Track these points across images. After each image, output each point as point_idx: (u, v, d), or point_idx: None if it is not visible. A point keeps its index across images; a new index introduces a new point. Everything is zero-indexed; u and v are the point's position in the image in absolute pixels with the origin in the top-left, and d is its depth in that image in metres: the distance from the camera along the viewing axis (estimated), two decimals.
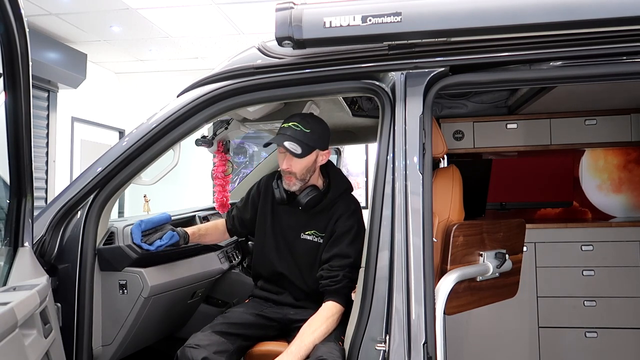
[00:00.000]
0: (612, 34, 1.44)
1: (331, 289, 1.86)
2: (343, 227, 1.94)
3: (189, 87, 1.79)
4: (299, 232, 2.03)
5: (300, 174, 1.93)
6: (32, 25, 5.32)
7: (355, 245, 1.90)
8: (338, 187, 2.02)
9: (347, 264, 1.87)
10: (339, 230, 1.94)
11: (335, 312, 1.83)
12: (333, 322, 1.82)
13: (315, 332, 1.77)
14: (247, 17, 5.25)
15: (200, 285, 2.35)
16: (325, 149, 1.97)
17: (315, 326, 1.79)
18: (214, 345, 1.80)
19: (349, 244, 1.91)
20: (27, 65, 1.32)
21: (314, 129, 1.91)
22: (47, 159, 5.96)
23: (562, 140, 3.34)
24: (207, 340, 1.81)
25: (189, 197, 6.60)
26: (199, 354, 1.75)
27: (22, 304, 1.20)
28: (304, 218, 2.02)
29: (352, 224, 1.94)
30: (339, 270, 1.87)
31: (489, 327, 3.13)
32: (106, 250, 1.92)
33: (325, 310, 1.83)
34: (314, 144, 1.90)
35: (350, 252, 1.89)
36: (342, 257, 1.89)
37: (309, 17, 1.45)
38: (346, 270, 1.86)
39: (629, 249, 3.11)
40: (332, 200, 1.99)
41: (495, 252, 1.81)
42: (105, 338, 1.95)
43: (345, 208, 1.97)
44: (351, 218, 1.95)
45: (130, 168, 1.79)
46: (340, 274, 1.86)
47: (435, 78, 1.55)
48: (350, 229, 1.93)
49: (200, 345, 1.78)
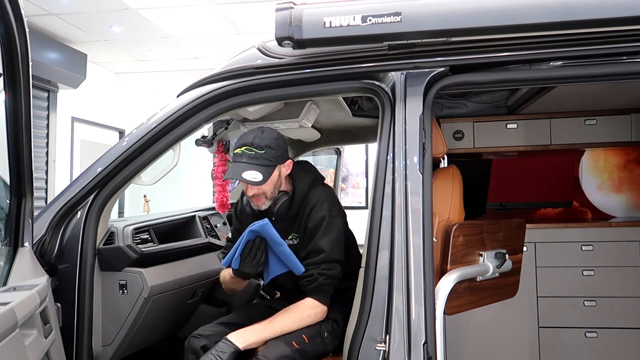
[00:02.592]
0: (612, 34, 1.44)
1: (307, 288, 1.83)
2: (314, 220, 1.87)
3: (189, 87, 1.79)
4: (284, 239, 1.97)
5: (269, 194, 1.87)
6: (32, 25, 5.32)
7: (327, 236, 1.84)
8: (303, 184, 1.94)
9: (320, 260, 1.82)
10: (310, 225, 1.88)
11: (311, 307, 1.81)
12: (309, 316, 1.80)
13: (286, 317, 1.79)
14: (247, 17, 5.25)
15: (200, 285, 2.35)
16: (286, 160, 1.88)
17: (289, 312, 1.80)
18: (217, 335, 1.84)
19: (320, 237, 1.85)
20: (27, 65, 1.32)
21: (269, 146, 1.82)
22: (47, 159, 5.96)
23: (562, 140, 3.34)
24: (210, 331, 1.87)
25: (189, 197, 6.60)
26: (199, 343, 1.82)
27: (22, 304, 1.20)
28: (283, 224, 1.94)
29: (322, 214, 1.87)
30: (313, 268, 1.82)
31: (489, 327, 3.13)
32: (106, 250, 1.92)
33: (302, 302, 1.82)
34: (274, 161, 1.82)
35: (323, 244, 1.83)
36: (315, 253, 1.84)
37: (308, 17, 1.45)
38: (321, 267, 1.81)
39: (629, 249, 3.10)
40: (300, 197, 1.93)
41: (495, 252, 1.81)
42: (105, 338, 1.96)
43: (315, 200, 1.90)
44: (321, 209, 1.87)
45: (130, 168, 1.79)
46: (315, 272, 1.82)
47: (435, 78, 1.55)
48: (321, 220, 1.86)
49: (203, 335, 1.85)
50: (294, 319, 1.80)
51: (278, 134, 1.90)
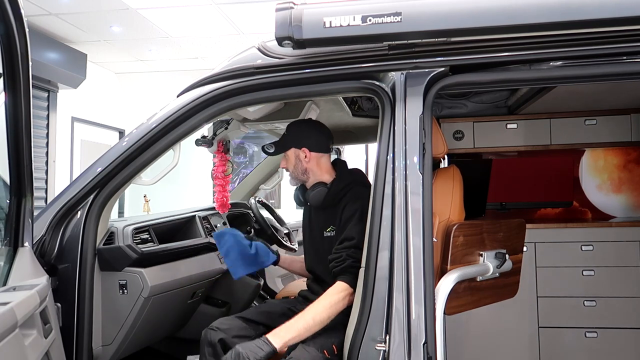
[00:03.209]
0: (612, 34, 1.44)
1: (337, 269, 1.84)
2: (348, 213, 1.93)
3: (189, 87, 1.79)
4: (322, 231, 2.06)
5: (291, 172, 2.09)
6: (32, 25, 5.32)
7: (359, 226, 1.86)
8: (342, 180, 2.04)
9: (350, 245, 1.85)
10: (344, 217, 1.94)
11: (341, 290, 1.78)
12: (338, 300, 1.77)
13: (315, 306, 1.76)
14: (247, 17, 5.25)
15: (200, 285, 2.35)
16: (301, 147, 2.04)
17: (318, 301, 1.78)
18: (234, 329, 1.87)
19: (352, 226, 1.89)
20: (27, 65, 1.32)
21: (289, 131, 2.08)
22: (47, 159, 5.96)
23: (562, 140, 3.33)
24: (227, 324, 1.90)
25: (189, 197, 6.61)
26: (216, 336, 1.85)
27: (22, 304, 1.20)
28: (322, 217, 2.07)
29: (356, 208, 1.92)
30: (343, 251, 1.85)
31: (489, 327, 3.13)
32: (106, 250, 1.92)
33: (331, 288, 1.81)
34: (287, 143, 2.06)
35: (353, 233, 1.87)
36: (347, 240, 1.88)
37: (309, 17, 1.45)
38: (350, 250, 1.83)
39: (629, 249, 3.10)
40: (337, 193, 2.01)
41: (495, 252, 1.81)
42: (105, 338, 1.96)
43: (351, 196, 1.98)
44: (355, 203, 1.94)
45: (130, 168, 1.79)
46: (344, 254, 1.84)
47: (435, 78, 1.55)
48: (354, 212, 1.92)
49: (220, 328, 1.88)
50: (324, 306, 1.76)
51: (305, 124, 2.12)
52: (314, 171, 2.07)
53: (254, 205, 3.07)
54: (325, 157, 2.09)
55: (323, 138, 2.09)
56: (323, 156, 2.08)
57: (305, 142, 2.05)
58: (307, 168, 2.06)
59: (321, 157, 2.07)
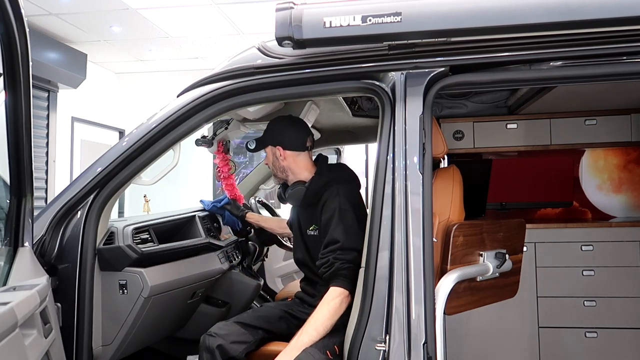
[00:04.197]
0: (612, 34, 1.44)
1: (327, 275, 1.84)
2: (327, 213, 1.92)
3: (189, 87, 1.79)
4: (306, 229, 2.07)
5: (271, 169, 2.14)
6: (32, 25, 5.32)
7: (340, 226, 1.87)
8: (321, 178, 2.01)
9: (335, 248, 1.84)
10: (324, 217, 1.93)
11: (336, 295, 1.78)
12: (335, 306, 1.77)
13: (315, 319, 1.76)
14: (247, 17, 5.25)
15: (200, 285, 2.35)
16: (276, 146, 2.06)
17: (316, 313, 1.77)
18: (233, 335, 1.86)
19: (334, 227, 1.88)
20: (27, 65, 1.32)
21: (268, 128, 2.10)
22: (47, 159, 5.96)
23: (562, 140, 3.33)
24: (225, 330, 1.89)
25: (189, 197, 6.60)
26: (214, 342, 1.84)
27: (22, 304, 1.20)
28: (305, 215, 2.07)
29: (334, 207, 1.91)
30: (329, 254, 1.84)
31: (489, 327, 3.13)
32: (106, 250, 1.92)
33: (327, 295, 1.80)
34: (265, 140, 2.09)
35: (336, 235, 1.86)
36: (331, 243, 1.87)
37: (309, 17, 1.45)
38: (336, 253, 1.83)
39: (629, 249, 3.10)
40: (316, 191, 1.99)
41: (495, 252, 1.81)
42: (105, 338, 1.95)
43: (328, 195, 1.96)
44: (334, 201, 1.93)
45: (130, 168, 1.79)
46: (330, 257, 1.83)
47: (435, 78, 1.55)
48: (333, 212, 1.90)
49: (219, 334, 1.87)
50: (324, 316, 1.76)
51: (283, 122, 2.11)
52: (292, 169, 2.07)
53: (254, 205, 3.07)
54: (302, 155, 2.08)
55: (299, 136, 2.06)
56: (300, 154, 2.07)
57: (280, 141, 2.05)
58: (285, 166, 2.07)
59: (297, 155, 2.07)
